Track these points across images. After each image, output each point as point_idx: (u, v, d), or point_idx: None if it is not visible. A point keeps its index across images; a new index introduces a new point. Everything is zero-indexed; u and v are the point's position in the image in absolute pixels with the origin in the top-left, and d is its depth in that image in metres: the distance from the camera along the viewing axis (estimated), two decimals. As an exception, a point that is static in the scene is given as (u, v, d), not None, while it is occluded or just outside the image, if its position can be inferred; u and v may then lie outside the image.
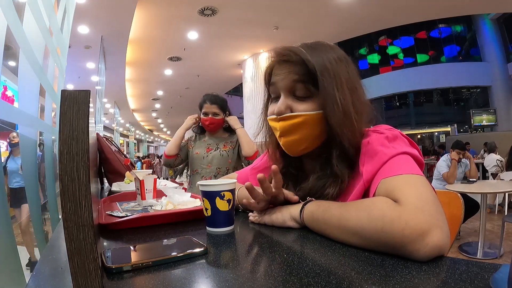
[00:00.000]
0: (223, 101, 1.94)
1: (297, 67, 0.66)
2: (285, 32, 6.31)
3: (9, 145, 3.06)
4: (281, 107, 0.66)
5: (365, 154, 0.62)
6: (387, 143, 0.62)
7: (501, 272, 0.33)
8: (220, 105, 1.90)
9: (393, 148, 0.61)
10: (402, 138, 0.65)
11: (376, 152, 0.61)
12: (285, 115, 0.66)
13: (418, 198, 0.49)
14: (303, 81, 0.65)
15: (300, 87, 0.66)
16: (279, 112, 0.66)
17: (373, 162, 0.60)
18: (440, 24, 13.77)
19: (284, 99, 0.67)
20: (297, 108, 0.66)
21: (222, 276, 0.41)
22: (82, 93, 0.35)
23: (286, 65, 0.67)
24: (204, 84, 9.78)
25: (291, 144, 0.68)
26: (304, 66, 0.65)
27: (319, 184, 0.66)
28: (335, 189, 0.64)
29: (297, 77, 0.66)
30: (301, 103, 0.66)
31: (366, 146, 0.63)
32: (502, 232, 2.82)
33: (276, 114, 0.67)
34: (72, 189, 0.32)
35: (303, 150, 0.69)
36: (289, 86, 0.67)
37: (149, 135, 28.30)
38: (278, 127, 0.67)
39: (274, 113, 0.67)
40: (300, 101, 0.66)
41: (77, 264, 0.32)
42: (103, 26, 5.47)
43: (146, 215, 0.70)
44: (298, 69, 0.65)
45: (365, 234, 0.48)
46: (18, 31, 1.20)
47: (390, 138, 0.63)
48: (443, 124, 14.39)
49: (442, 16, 7.03)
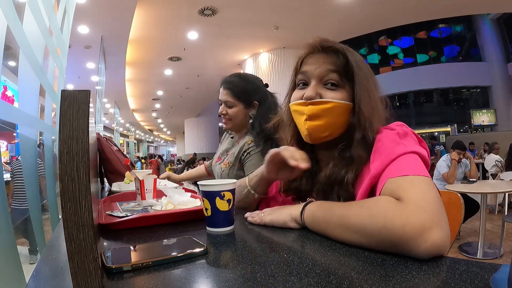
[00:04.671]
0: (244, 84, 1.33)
1: (334, 58, 0.68)
2: (285, 32, 6.31)
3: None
4: (311, 92, 0.68)
5: (376, 152, 0.63)
6: (397, 139, 0.63)
7: (501, 272, 0.33)
8: (233, 90, 1.30)
9: (403, 145, 0.61)
10: (412, 135, 0.66)
11: (385, 148, 0.62)
12: (315, 100, 0.68)
13: (421, 197, 0.49)
14: (337, 72, 0.68)
15: (333, 76, 0.68)
16: (310, 96, 0.68)
17: (382, 159, 0.60)
18: (440, 24, 13.76)
19: (315, 86, 0.69)
20: (326, 95, 0.68)
21: (222, 276, 0.41)
22: (82, 93, 0.35)
23: (322, 55, 0.69)
24: (204, 84, 9.78)
25: (316, 129, 0.68)
26: (343, 58, 0.68)
27: (337, 171, 0.67)
28: (352, 174, 0.65)
29: (332, 67, 0.68)
30: (331, 92, 0.68)
31: (377, 143, 0.64)
32: (502, 232, 2.82)
33: (306, 98, 0.68)
34: (72, 189, 0.32)
35: (324, 138, 0.70)
36: (322, 74, 0.68)
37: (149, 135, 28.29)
38: (306, 111, 0.68)
39: (303, 98, 0.69)
40: (330, 90, 0.68)
41: (77, 264, 0.32)
42: (103, 26, 5.47)
43: (146, 215, 0.70)
44: (335, 60, 0.68)
45: (366, 231, 0.48)
46: (18, 31, 1.20)
47: (401, 134, 0.64)
48: (443, 124, 14.38)
49: (442, 16, 7.04)
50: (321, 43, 0.70)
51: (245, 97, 1.30)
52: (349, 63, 0.67)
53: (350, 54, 0.68)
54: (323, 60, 0.69)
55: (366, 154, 0.65)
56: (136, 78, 9.12)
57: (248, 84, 1.33)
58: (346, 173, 0.65)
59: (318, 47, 0.70)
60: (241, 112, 1.31)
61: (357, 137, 0.66)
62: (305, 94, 0.68)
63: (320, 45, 0.70)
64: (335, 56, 0.68)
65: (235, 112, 1.31)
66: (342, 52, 0.68)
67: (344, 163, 0.67)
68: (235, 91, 1.30)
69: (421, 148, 0.63)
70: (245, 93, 1.30)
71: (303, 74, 0.71)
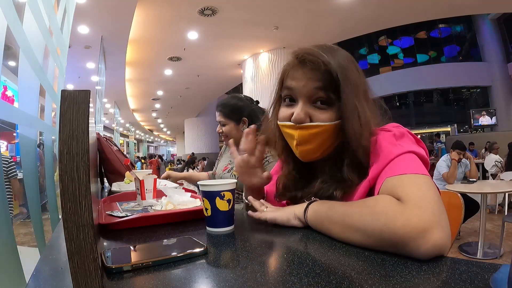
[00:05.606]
0: (231, 105, 1.53)
1: (319, 73, 0.63)
2: (285, 32, 6.30)
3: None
4: (301, 115, 0.63)
5: (372, 154, 0.62)
6: (394, 140, 0.62)
7: (501, 272, 0.33)
8: (223, 112, 1.51)
9: (400, 146, 0.61)
10: (409, 136, 0.65)
11: (382, 150, 0.61)
12: (305, 124, 0.63)
13: (421, 197, 0.49)
14: (325, 89, 0.63)
15: (321, 95, 0.63)
16: (299, 120, 0.63)
17: (379, 160, 0.60)
18: (440, 24, 13.77)
19: (303, 106, 0.64)
20: (317, 117, 0.63)
21: (222, 276, 0.41)
22: (82, 93, 0.35)
23: (306, 70, 0.64)
24: (204, 84, 9.78)
25: (307, 153, 0.66)
26: (327, 73, 0.62)
27: (325, 188, 0.66)
28: (341, 192, 0.63)
29: (319, 84, 0.63)
30: (321, 112, 0.64)
31: (374, 145, 0.63)
32: (502, 232, 2.82)
33: (295, 121, 0.64)
34: (72, 189, 0.32)
35: (317, 158, 0.68)
36: (310, 93, 0.64)
37: (149, 135, 28.29)
38: (296, 135, 0.65)
39: (292, 120, 0.64)
40: (319, 110, 0.64)
41: (77, 264, 0.32)
42: (103, 26, 5.46)
43: (146, 215, 0.70)
44: (321, 75, 0.62)
45: (367, 230, 0.48)
46: (18, 31, 1.20)
47: (397, 135, 0.63)
48: (443, 124, 14.39)
49: (442, 16, 7.03)
50: (304, 56, 0.64)
51: (234, 116, 1.51)
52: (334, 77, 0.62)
53: (334, 61, 0.62)
54: (309, 75, 0.63)
55: (357, 176, 0.63)
56: (136, 78, 9.12)
57: (235, 105, 1.53)
58: (335, 190, 0.64)
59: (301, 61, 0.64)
60: (233, 128, 1.51)
61: (347, 161, 0.64)
62: (294, 116, 0.64)
63: (303, 58, 0.64)
64: (319, 71, 0.62)
65: (229, 130, 1.52)
66: (325, 67, 0.62)
67: (333, 181, 0.65)
68: (225, 112, 1.52)
69: (419, 147, 0.62)
70: (233, 112, 1.51)
71: (289, 90, 0.67)
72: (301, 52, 0.65)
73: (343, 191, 0.63)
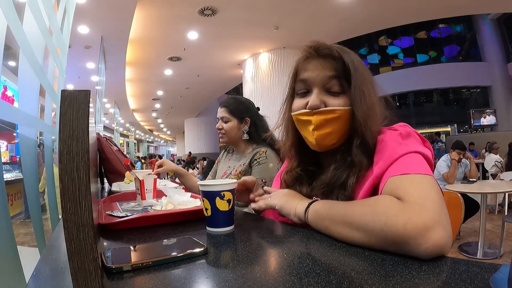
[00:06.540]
0: (238, 103, 1.54)
1: (332, 63, 0.67)
2: (285, 32, 6.30)
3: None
4: (316, 101, 0.67)
5: (378, 152, 0.63)
6: (400, 139, 0.63)
7: (501, 272, 0.33)
8: (228, 108, 1.51)
9: (406, 145, 0.61)
10: (415, 135, 0.66)
11: (387, 149, 0.61)
12: (321, 110, 0.67)
13: (422, 196, 0.50)
14: (338, 77, 0.67)
15: (335, 83, 0.67)
16: (315, 106, 0.67)
17: (384, 159, 0.60)
18: (440, 24, 13.78)
19: (318, 93, 0.68)
20: (331, 103, 0.67)
21: (222, 276, 0.41)
22: (82, 93, 0.35)
23: (320, 61, 0.68)
24: (204, 84, 9.77)
25: (324, 137, 0.68)
26: (340, 62, 0.67)
27: (338, 175, 0.67)
28: (354, 178, 0.64)
29: (333, 73, 0.67)
30: (334, 98, 0.67)
31: (380, 144, 0.64)
32: (502, 232, 2.82)
33: (311, 107, 0.67)
34: (72, 189, 0.32)
35: (332, 146, 0.69)
36: (324, 81, 0.68)
37: (149, 135, 28.28)
38: (313, 121, 0.67)
39: (308, 107, 0.68)
40: (333, 96, 0.68)
41: (77, 264, 0.32)
42: (103, 26, 5.46)
43: (146, 215, 0.70)
44: (334, 65, 0.67)
45: (368, 229, 0.49)
46: (18, 31, 1.20)
47: (403, 135, 0.64)
48: (443, 124, 14.39)
49: (442, 16, 7.03)
50: (317, 48, 0.69)
51: (239, 114, 1.52)
52: (346, 66, 0.66)
53: (346, 54, 0.67)
54: (322, 66, 0.68)
55: (366, 158, 0.65)
56: (136, 78, 9.12)
57: (241, 104, 1.55)
58: (348, 177, 0.65)
59: (314, 52, 0.69)
60: (235, 126, 1.51)
61: (356, 143, 0.66)
62: (310, 103, 0.67)
63: (316, 50, 0.69)
64: (333, 60, 0.68)
65: (230, 127, 1.51)
66: (339, 56, 0.67)
67: (345, 166, 0.67)
68: (230, 108, 1.52)
69: (425, 148, 0.63)
70: (238, 110, 1.52)
71: (303, 83, 0.70)
72: (314, 44, 0.69)
73: (356, 176, 0.64)
